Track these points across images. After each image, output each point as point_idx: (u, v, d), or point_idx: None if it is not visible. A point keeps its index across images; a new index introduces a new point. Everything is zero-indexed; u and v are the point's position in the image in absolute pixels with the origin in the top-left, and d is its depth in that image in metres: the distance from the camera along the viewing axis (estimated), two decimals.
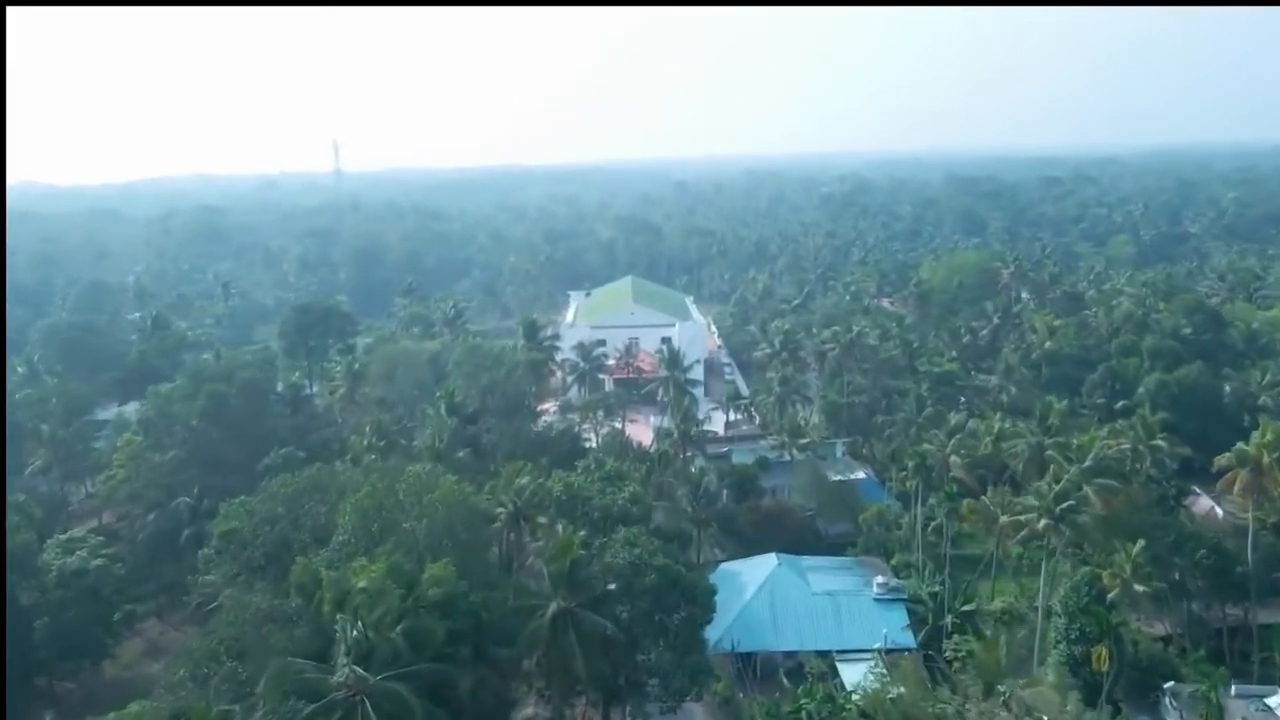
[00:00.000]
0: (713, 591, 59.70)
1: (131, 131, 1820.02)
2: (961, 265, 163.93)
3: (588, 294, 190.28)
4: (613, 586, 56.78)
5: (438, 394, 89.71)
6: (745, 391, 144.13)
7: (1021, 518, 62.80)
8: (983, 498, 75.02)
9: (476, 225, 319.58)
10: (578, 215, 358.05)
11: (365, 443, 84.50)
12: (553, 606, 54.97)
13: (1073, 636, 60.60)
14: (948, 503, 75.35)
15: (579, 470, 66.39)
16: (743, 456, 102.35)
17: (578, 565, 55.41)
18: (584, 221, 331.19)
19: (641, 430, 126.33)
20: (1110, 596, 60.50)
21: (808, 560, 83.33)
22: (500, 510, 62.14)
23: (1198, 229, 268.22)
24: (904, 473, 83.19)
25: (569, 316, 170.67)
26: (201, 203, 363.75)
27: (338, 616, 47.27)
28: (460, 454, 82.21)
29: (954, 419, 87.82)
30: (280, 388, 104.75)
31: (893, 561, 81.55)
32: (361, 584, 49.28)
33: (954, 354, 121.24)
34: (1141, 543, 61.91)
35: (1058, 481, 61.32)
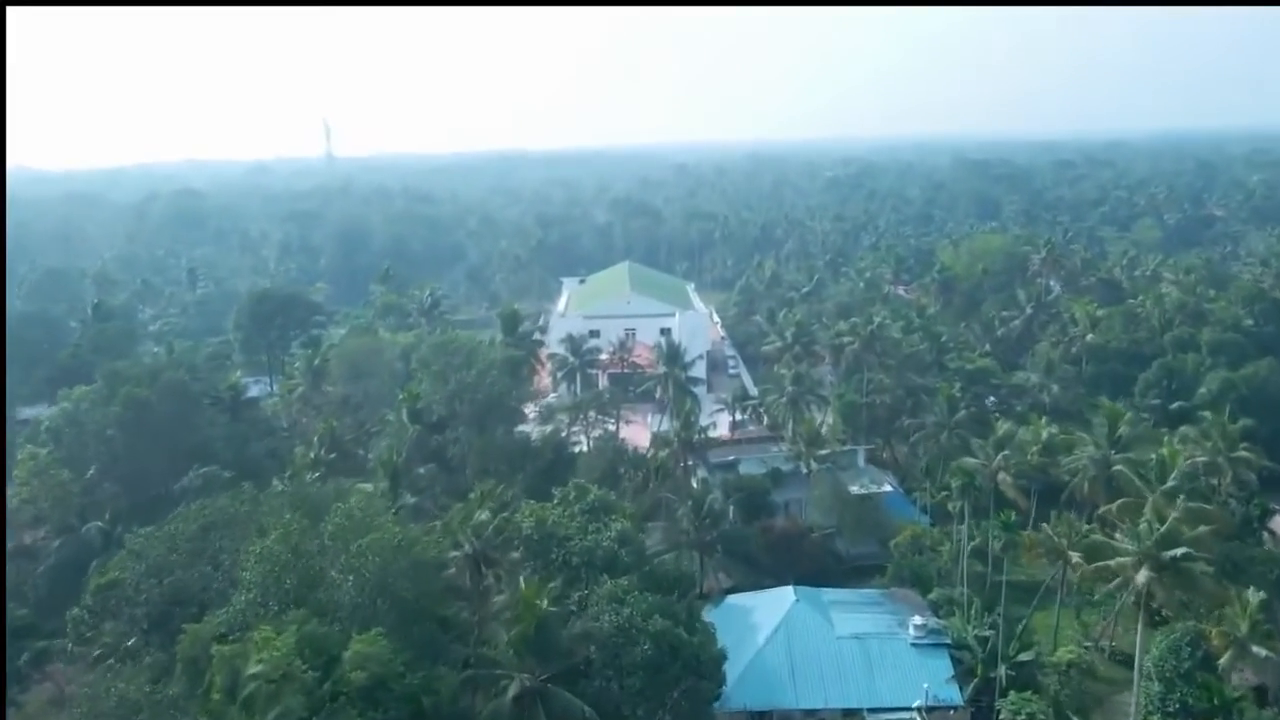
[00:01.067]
0: (722, 658, 47.53)
1: (125, 116, 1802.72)
2: (985, 250, 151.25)
3: (582, 281, 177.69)
4: (594, 650, 44.56)
5: (400, 397, 77.48)
6: (752, 388, 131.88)
7: (1112, 564, 50.25)
8: (1045, 526, 62.65)
9: (468, 209, 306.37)
10: (575, 199, 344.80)
11: (312, 455, 72.24)
12: (516, 683, 42.75)
13: (1171, 709, 48.65)
14: (1003, 533, 62.88)
15: (556, 500, 53.86)
16: (752, 466, 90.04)
17: (548, 628, 43.16)
18: (580, 205, 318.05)
19: (638, 432, 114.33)
20: (1221, 663, 48.20)
21: (830, 594, 71.06)
22: (455, 554, 49.73)
23: (1224, 212, 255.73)
24: (945, 492, 70.86)
25: (561, 305, 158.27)
26: (185, 187, 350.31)
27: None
28: (421, 470, 70.10)
29: (1003, 428, 75.31)
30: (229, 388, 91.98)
31: (930, 596, 69.21)
32: (257, 667, 37.13)
33: (987, 348, 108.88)
34: (1260, 594, 49.51)
35: (1161, 520, 48.61)
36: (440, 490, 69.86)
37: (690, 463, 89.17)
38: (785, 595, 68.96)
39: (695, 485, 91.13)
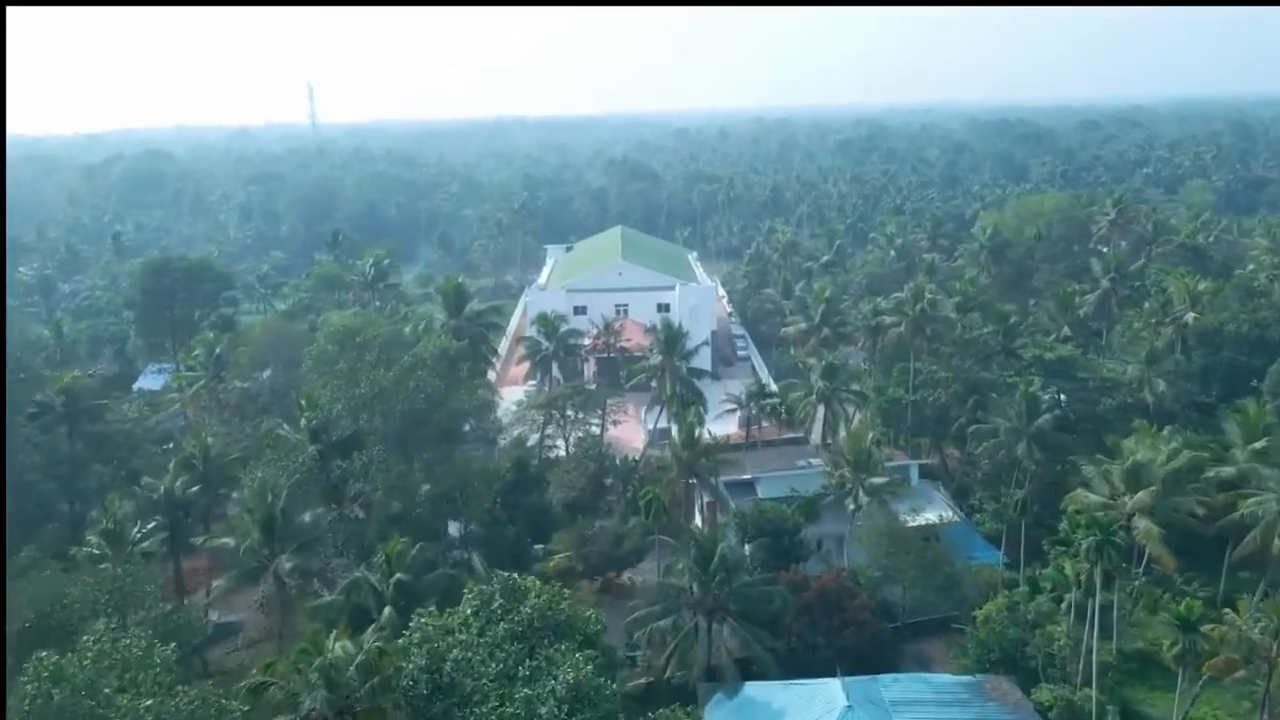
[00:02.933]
0: None
1: (115, 82, 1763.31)
2: (1037, 212, 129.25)
3: (569, 249, 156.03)
4: None
5: (301, 404, 56.28)
6: (765, 376, 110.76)
7: None
8: (1231, 615, 41.56)
9: (452, 173, 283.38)
10: (568, 163, 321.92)
11: (161, 489, 51.21)
12: None
13: None
14: (1183, 632, 41.77)
15: (471, 609, 32.63)
16: (773, 488, 69.03)
17: None
18: (573, 169, 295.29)
19: (631, 431, 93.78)
20: None
21: (891, 687, 50.24)
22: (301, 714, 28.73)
23: (1278, 174, 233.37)
24: (1061, 547, 49.88)
25: (542, 277, 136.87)
26: (151, 149, 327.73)
27: None
28: (308, 517, 49.03)
29: (1133, 450, 54.08)
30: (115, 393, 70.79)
31: (1038, 697, 48.54)
32: None
33: (1065, 331, 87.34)
34: None
35: None
36: (342, 544, 48.92)
37: (691, 481, 68.56)
38: (830, 695, 48.28)
39: (699, 516, 70.47)
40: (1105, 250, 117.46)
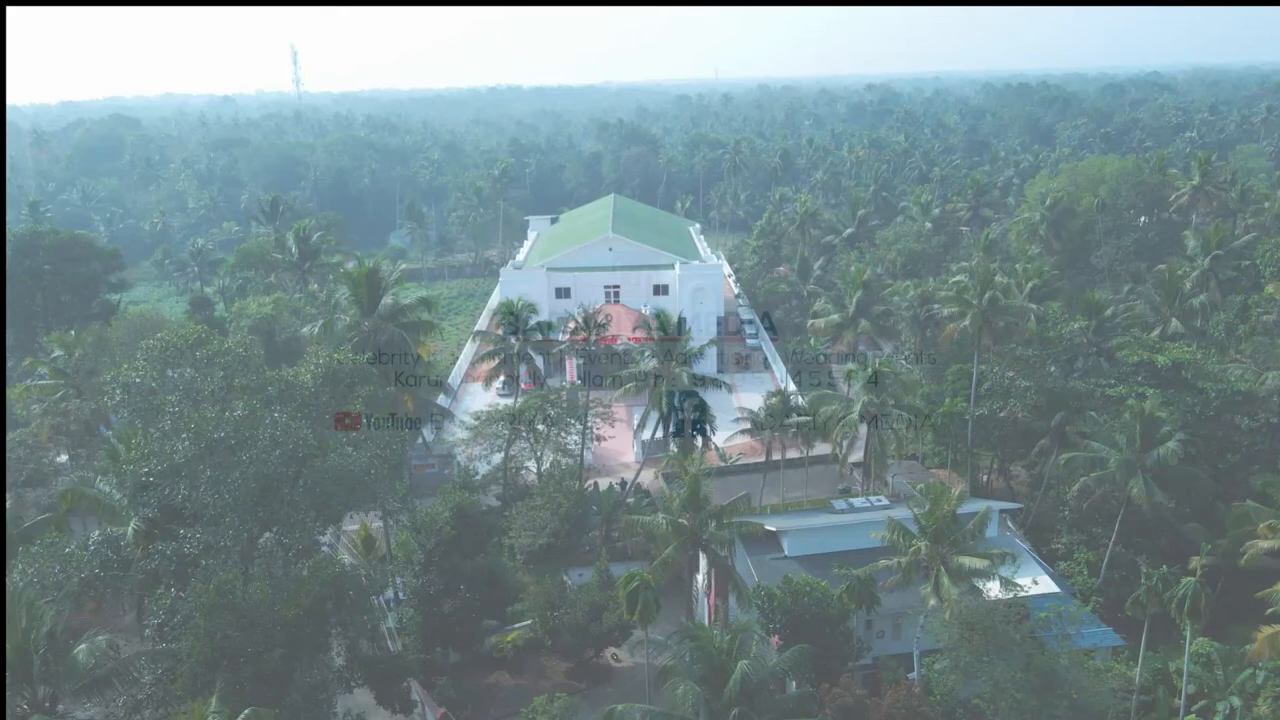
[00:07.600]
0: None
1: (106, 51, 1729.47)
2: (1097, 177, 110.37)
3: (554, 220, 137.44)
4: None
5: (117, 448, 38.15)
6: (783, 375, 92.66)
7: None
8: None
9: (435, 140, 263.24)
10: (562, 130, 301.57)
11: None
12: None
13: None
14: None
15: None
16: (803, 544, 51.16)
17: None
18: (566, 136, 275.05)
19: (620, 444, 76.57)
20: None
21: None
22: None
23: None
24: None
25: (521, 254, 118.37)
26: (115, 114, 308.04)
27: None
28: (102, 639, 31.14)
29: None
30: None
31: None
32: None
33: (1177, 325, 68.92)
34: None
35: None
36: (150, 688, 30.92)
37: (704, 536, 50.58)
38: None
39: (701, 583, 52.59)
40: (1179, 220, 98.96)
